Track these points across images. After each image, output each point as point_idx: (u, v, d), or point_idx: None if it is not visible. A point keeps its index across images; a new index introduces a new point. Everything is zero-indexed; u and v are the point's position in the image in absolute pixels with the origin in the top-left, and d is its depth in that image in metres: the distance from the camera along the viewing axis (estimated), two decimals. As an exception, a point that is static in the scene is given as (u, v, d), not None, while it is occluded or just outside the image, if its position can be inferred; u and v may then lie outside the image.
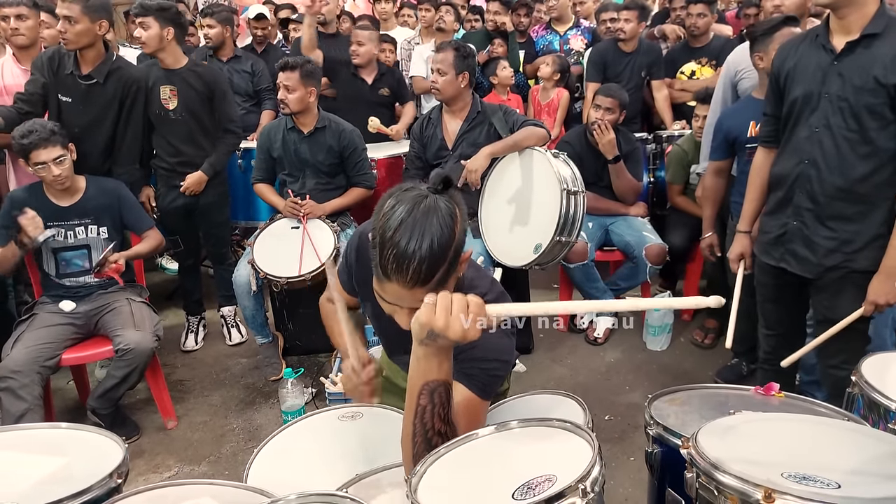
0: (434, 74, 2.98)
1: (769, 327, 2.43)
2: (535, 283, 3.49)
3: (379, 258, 1.21)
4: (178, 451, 2.74)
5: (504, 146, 2.90)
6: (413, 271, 1.18)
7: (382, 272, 1.21)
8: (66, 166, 2.61)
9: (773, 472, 1.06)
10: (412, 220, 1.19)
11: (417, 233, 1.18)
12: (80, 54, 2.94)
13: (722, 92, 3.14)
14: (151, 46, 3.14)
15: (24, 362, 2.46)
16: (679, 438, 1.42)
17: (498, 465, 1.14)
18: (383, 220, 1.21)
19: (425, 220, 1.19)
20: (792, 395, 1.62)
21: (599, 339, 3.42)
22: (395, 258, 1.18)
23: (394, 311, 1.29)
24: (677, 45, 4.36)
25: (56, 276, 2.73)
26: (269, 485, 1.42)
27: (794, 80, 2.12)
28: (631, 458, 2.54)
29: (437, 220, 1.20)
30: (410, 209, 1.20)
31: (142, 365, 2.62)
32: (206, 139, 3.32)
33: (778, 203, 2.23)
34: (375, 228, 1.23)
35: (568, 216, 2.69)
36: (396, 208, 1.21)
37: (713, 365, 3.19)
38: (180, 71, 3.21)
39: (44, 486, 1.36)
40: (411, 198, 1.22)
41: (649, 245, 3.31)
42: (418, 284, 1.20)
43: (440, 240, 1.19)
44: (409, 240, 1.18)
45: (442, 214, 1.21)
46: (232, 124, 3.36)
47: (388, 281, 1.21)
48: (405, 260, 1.18)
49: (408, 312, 1.23)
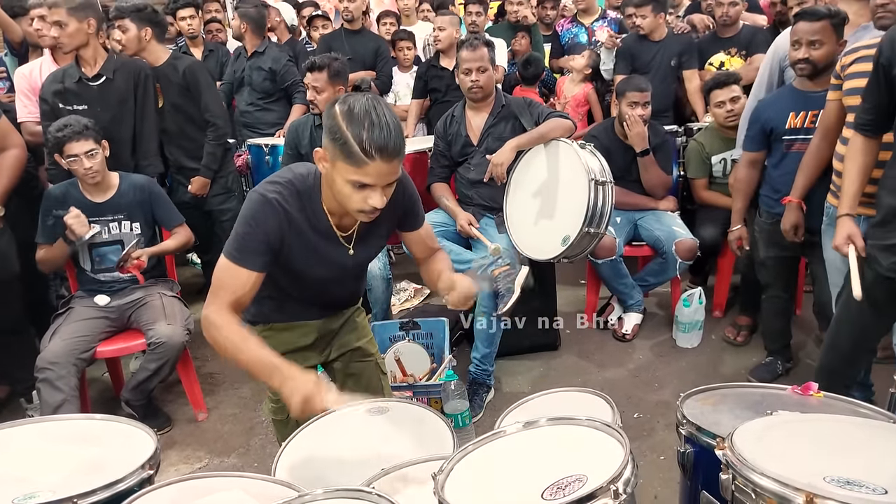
0: (474, 74, 2.92)
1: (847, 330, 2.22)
2: (561, 279, 3.45)
3: (359, 145, 1.38)
4: (208, 442, 2.77)
5: (530, 138, 2.87)
6: (395, 142, 1.40)
7: (365, 155, 1.39)
8: (97, 160, 2.66)
9: (814, 475, 1.03)
10: (366, 108, 1.40)
11: (380, 114, 1.40)
12: (81, 57, 2.98)
13: (768, 76, 3.04)
14: (131, 48, 3.20)
15: (61, 354, 2.51)
16: (713, 438, 1.39)
17: (526, 464, 1.13)
18: (346, 117, 1.40)
19: (379, 105, 1.42)
20: (831, 396, 1.57)
21: (628, 335, 3.38)
22: (378, 136, 1.38)
23: (367, 197, 1.45)
24: (706, 35, 4.26)
25: (91, 272, 2.78)
26: (297, 478, 1.43)
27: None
28: (661, 456, 2.50)
29: (383, 103, 1.44)
30: (362, 103, 1.41)
31: (173, 358, 2.66)
32: (198, 131, 3.35)
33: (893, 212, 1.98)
34: (336, 128, 1.41)
35: (596, 207, 2.65)
36: (349, 106, 1.41)
37: (746, 363, 3.12)
38: (161, 67, 3.27)
39: (78, 476, 1.39)
40: (350, 98, 1.43)
41: (680, 240, 3.25)
42: (397, 155, 1.42)
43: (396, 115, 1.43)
44: (380, 121, 1.39)
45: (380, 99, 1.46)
46: (211, 115, 3.34)
47: (371, 162, 1.39)
48: (388, 134, 1.38)
49: (381, 191, 1.45)
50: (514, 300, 2.69)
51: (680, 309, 3.29)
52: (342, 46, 4.20)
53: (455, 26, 4.14)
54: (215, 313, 1.53)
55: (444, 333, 2.95)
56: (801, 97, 2.66)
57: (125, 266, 2.71)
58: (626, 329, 3.39)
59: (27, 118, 3.20)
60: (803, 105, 2.65)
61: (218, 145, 3.41)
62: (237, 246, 1.55)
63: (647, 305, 3.62)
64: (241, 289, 1.54)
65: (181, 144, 3.38)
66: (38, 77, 3.19)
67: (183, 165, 3.41)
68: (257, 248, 1.54)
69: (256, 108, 4.22)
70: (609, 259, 3.24)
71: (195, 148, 3.37)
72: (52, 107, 2.98)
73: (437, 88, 4.21)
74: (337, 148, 1.42)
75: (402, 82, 4.58)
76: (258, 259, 1.54)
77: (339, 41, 4.33)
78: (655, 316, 3.65)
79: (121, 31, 3.15)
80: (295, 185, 1.59)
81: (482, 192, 3.02)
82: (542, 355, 3.28)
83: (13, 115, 2.82)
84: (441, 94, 4.18)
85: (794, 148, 2.68)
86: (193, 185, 3.35)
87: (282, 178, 1.60)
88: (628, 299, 3.41)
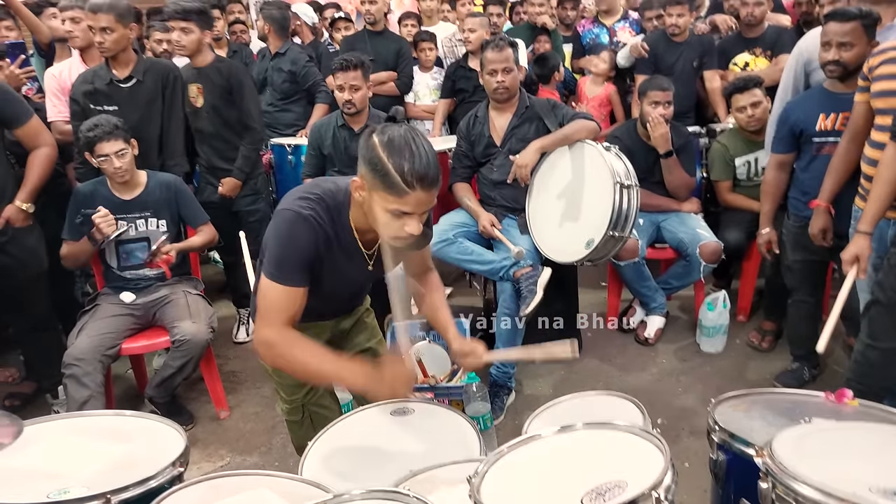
0: (500, 74, 2.90)
1: (878, 339, 2.19)
2: (583, 281, 3.43)
3: (400, 176, 1.41)
4: (230, 441, 2.78)
5: (554, 140, 2.85)
6: (433, 173, 1.44)
7: (406, 185, 1.42)
8: (126, 159, 2.69)
9: (858, 485, 1.01)
10: (405, 139, 1.44)
11: (419, 145, 1.43)
12: (114, 60, 3.00)
13: (793, 80, 2.98)
14: (191, 49, 3.22)
15: (87, 351, 2.53)
16: (747, 446, 1.37)
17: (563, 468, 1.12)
18: (386, 148, 1.43)
19: (417, 136, 1.46)
20: (866, 403, 1.54)
21: (650, 339, 3.35)
22: (419, 166, 1.41)
23: (404, 225, 1.48)
24: (729, 35, 4.21)
25: (118, 269, 2.80)
26: (324, 478, 1.43)
27: None
28: (686, 463, 2.47)
29: (419, 133, 1.48)
30: (400, 134, 1.45)
31: (197, 356, 2.68)
32: (234, 135, 3.37)
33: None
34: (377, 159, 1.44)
35: (621, 210, 2.63)
36: (388, 137, 1.45)
37: (771, 369, 3.07)
38: (205, 69, 3.29)
39: (110, 472, 1.40)
40: (387, 129, 1.47)
41: (704, 243, 3.21)
42: (436, 185, 1.46)
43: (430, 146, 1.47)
44: (419, 151, 1.42)
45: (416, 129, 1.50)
46: (250, 119, 3.37)
47: (412, 191, 1.42)
48: (428, 163, 1.43)
49: (417, 218, 1.48)
50: (536, 302, 2.67)
51: (704, 313, 3.26)
52: (365, 47, 4.20)
53: (485, 28, 4.14)
54: (276, 335, 1.55)
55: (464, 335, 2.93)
56: (831, 98, 2.62)
57: (154, 261, 2.74)
58: (649, 333, 3.36)
59: (57, 118, 3.23)
60: (833, 107, 2.60)
61: (254, 150, 3.44)
62: (278, 265, 1.56)
63: (671, 309, 3.58)
64: (291, 307, 1.57)
65: (215, 145, 3.39)
66: (68, 78, 3.22)
67: (214, 165, 3.42)
68: (299, 266, 1.56)
69: (276, 109, 4.25)
70: (632, 261, 3.21)
71: (228, 150, 3.38)
72: (82, 107, 3.01)
73: (465, 89, 4.21)
74: (377, 178, 1.45)
75: (422, 82, 4.58)
76: (301, 275, 1.57)
77: (362, 42, 4.34)
78: (679, 320, 3.61)
79: (183, 33, 3.16)
80: (326, 201, 1.60)
81: (505, 193, 3.01)
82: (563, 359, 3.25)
83: (43, 114, 2.86)
84: (468, 94, 4.18)
85: (825, 150, 2.63)
86: (224, 185, 3.36)
87: (312, 193, 1.61)
88: (651, 302, 3.38)
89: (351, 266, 1.70)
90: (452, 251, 2.90)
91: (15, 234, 2.66)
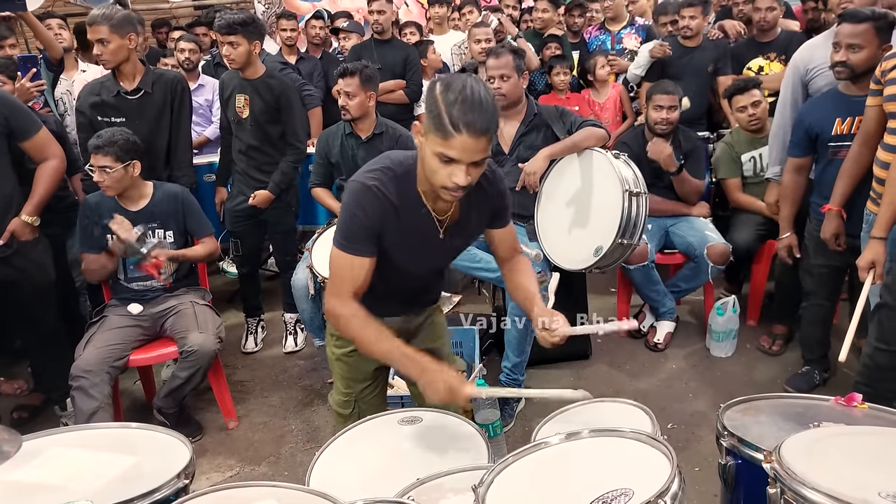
0: (496, 81, 2.90)
1: (888, 342, 2.20)
2: (592, 287, 3.41)
3: (448, 117, 1.40)
4: (239, 451, 2.78)
5: (563, 147, 2.85)
6: (483, 119, 1.41)
7: (453, 128, 1.40)
8: (111, 176, 2.65)
9: (867, 490, 0.99)
10: (464, 83, 1.43)
11: (476, 91, 1.42)
12: (120, 72, 3.00)
13: (791, 92, 2.99)
14: (239, 63, 3.20)
15: (95, 362, 2.54)
16: (757, 451, 1.36)
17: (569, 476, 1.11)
18: (443, 90, 1.43)
19: (477, 84, 1.44)
20: (876, 407, 1.52)
21: (660, 344, 3.32)
22: (468, 111, 1.39)
23: (451, 174, 1.46)
24: (743, 40, 4.20)
25: (125, 280, 2.81)
26: (331, 488, 1.42)
27: None
28: (696, 468, 2.45)
29: (482, 83, 1.46)
30: (461, 79, 1.44)
31: (205, 366, 2.68)
32: (274, 150, 3.36)
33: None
34: (433, 101, 1.44)
35: (630, 218, 2.61)
36: (449, 81, 1.45)
37: (781, 373, 3.05)
38: (255, 81, 3.27)
39: (115, 485, 1.39)
40: (452, 76, 1.47)
41: (712, 244, 3.19)
42: (488, 131, 1.43)
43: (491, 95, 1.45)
44: (473, 97, 1.40)
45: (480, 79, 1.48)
46: (294, 138, 3.37)
47: (457, 135, 1.41)
48: (478, 109, 1.40)
49: (465, 168, 1.45)
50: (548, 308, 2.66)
51: (713, 317, 3.24)
52: (371, 56, 4.21)
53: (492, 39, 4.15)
54: (340, 305, 1.61)
55: (474, 342, 2.93)
56: (846, 102, 2.59)
57: (143, 264, 2.73)
58: (659, 338, 3.33)
59: None
60: (849, 111, 2.58)
61: (294, 167, 3.42)
62: (345, 235, 1.60)
63: (680, 314, 3.56)
64: (358, 277, 1.61)
65: (253, 156, 3.36)
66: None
67: (250, 175, 3.39)
68: (365, 235, 1.59)
69: None
70: (641, 265, 3.19)
71: (266, 163, 3.36)
72: (89, 119, 3.02)
73: None
74: (431, 119, 1.45)
75: (429, 90, 4.59)
76: (367, 246, 1.60)
77: (368, 51, 4.35)
78: (688, 324, 3.58)
79: (231, 47, 3.14)
80: (393, 169, 1.61)
81: (513, 200, 2.99)
82: (573, 364, 3.24)
83: (50, 126, 2.86)
84: None
85: (841, 154, 2.60)
86: (257, 197, 3.33)
87: (379, 164, 1.64)
88: (660, 307, 3.36)
89: (422, 233, 1.67)
90: (461, 258, 2.89)
91: (20, 246, 2.66)
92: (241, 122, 3.32)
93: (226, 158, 3.57)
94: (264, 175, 3.37)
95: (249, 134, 3.33)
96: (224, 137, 3.56)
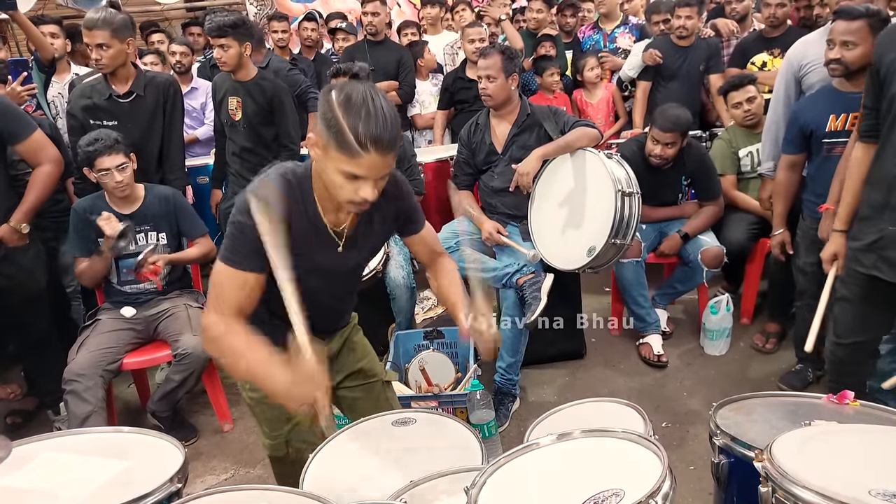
0: (483, 81, 2.91)
1: (841, 336, 2.27)
2: (586, 287, 3.41)
3: (354, 136, 1.32)
4: (234, 453, 2.78)
5: (556, 148, 2.85)
6: (390, 135, 1.34)
7: (360, 147, 1.32)
8: (127, 174, 2.69)
9: (858, 488, 0.99)
10: (364, 98, 1.33)
11: (378, 105, 1.33)
12: (113, 75, 2.99)
13: (784, 88, 2.99)
14: (231, 65, 3.19)
15: (88, 366, 2.53)
16: (749, 449, 1.36)
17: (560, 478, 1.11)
18: (342, 105, 1.33)
19: (377, 96, 1.35)
20: (868, 404, 1.53)
21: (663, 356, 3.21)
22: (374, 128, 1.31)
23: (358, 189, 1.39)
24: (750, 35, 4.19)
25: (118, 284, 2.80)
26: (325, 491, 1.42)
27: (894, 73, 1.97)
28: (691, 466, 2.46)
29: (381, 93, 1.37)
30: (359, 91, 1.34)
31: (199, 369, 2.67)
32: (268, 151, 3.35)
33: (874, 207, 2.08)
34: (332, 116, 1.34)
35: (623, 218, 2.62)
36: (346, 94, 1.34)
37: (775, 370, 3.06)
38: (247, 83, 3.26)
39: (107, 490, 1.39)
40: (347, 86, 1.36)
41: (705, 249, 3.19)
42: (392, 149, 1.36)
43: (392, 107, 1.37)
44: (377, 112, 1.32)
45: (377, 88, 1.39)
46: (288, 140, 3.35)
47: (365, 153, 1.33)
48: (384, 126, 1.32)
49: (373, 183, 1.39)
50: (541, 309, 2.66)
51: (707, 316, 3.24)
52: (364, 57, 4.22)
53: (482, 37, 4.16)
54: (218, 322, 1.44)
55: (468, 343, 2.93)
56: (841, 98, 2.59)
57: (141, 271, 2.72)
58: (658, 351, 3.22)
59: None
60: (844, 107, 2.58)
61: None
62: (232, 248, 1.46)
63: (674, 313, 3.57)
64: (242, 294, 1.46)
65: (247, 158, 3.35)
66: None
67: (244, 177, 3.37)
68: (254, 248, 1.42)
69: None
70: (634, 260, 3.16)
71: (260, 165, 3.29)
72: (81, 122, 3.01)
73: (465, 99, 4.22)
74: (331, 136, 1.35)
75: (424, 91, 4.60)
76: (255, 261, 1.44)
77: (361, 52, 4.35)
78: (682, 323, 3.59)
79: (222, 50, 3.13)
80: (286, 177, 1.51)
81: (506, 201, 3.00)
82: (568, 364, 3.25)
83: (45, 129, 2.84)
84: (468, 104, 4.18)
85: (836, 151, 2.61)
86: None
87: (275, 172, 1.53)
88: (647, 318, 3.27)
89: (319, 247, 1.57)
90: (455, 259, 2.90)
91: (9, 253, 2.63)
92: (235, 124, 3.31)
93: (220, 160, 3.56)
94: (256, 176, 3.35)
95: (243, 136, 3.32)
96: (218, 140, 3.55)
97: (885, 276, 2.07)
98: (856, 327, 2.23)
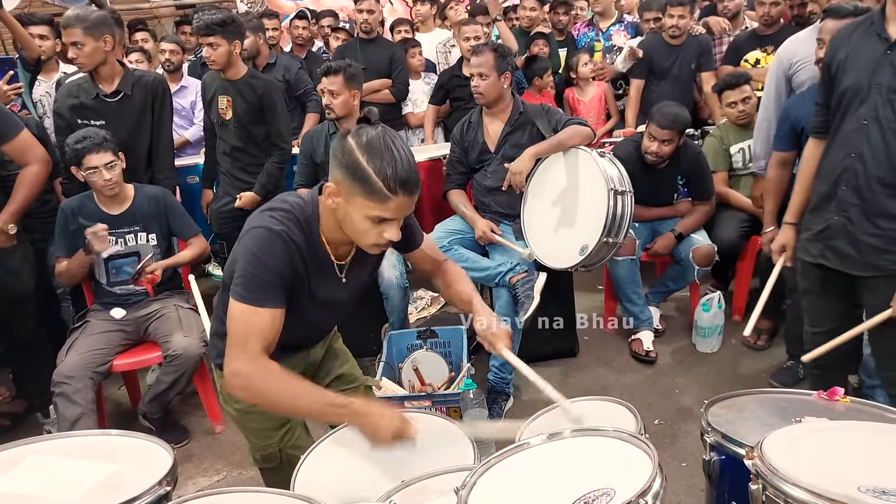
0: (475, 79, 2.90)
1: (815, 324, 2.31)
2: (579, 285, 3.41)
3: (383, 181, 1.35)
4: (226, 454, 2.76)
5: (548, 146, 2.85)
6: (415, 175, 1.38)
7: (389, 191, 1.36)
8: (116, 172, 2.67)
9: (848, 485, 1.00)
10: (384, 142, 1.37)
11: (398, 148, 1.37)
12: (98, 74, 2.95)
13: (775, 86, 3.00)
14: (220, 64, 3.16)
15: (78, 368, 2.51)
16: (739, 447, 1.37)
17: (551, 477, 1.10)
18: (365, 152, 1.36)
19: (395, 138, 1.39)
20: (858, 400, 1.54)
21: (652, 352, 3.22)
22: (402, 171, 1.35)
23: (383, 231, 1.43)
24: (744, 32, 4.21)
25: (107, 285, 2.78)
26: (316, 492, 1.41)
27: (845, 69, 2.02)
28: (683, 463, 2.46)
29: (397, 135, 1.42)
30: (379, 136, 1.37)
31: (190, 370, 2.66)
32: (259, 150, 3.34)
33: (821, 198, 2.14)
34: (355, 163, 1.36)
35: (615, 217, 2.62)
36: (366, 139, 1.37)
37: (766, 367, 3.07)
38: (237, 82, 3.23)
39: (96, 493, 1.38)
40: (363, 131, 1.39)
41: (696, 247, 3.20)
42: (418, 187, 1.40)
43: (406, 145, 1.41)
44: (400, 155, 1.36)
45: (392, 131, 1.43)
46: (279, 139, 3.34)
47: (394, 197, 1.36)
48: (409, 170, 1.37)
49: (397, 224, 1.44)
50: (534, 307, 2.66)
51: (699, 314, 3.25)
52: (355, 55, 4.19)
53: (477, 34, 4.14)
54: (248, 363, 1.40)
55: (461, 342, 2.92)
56: None
57: (140, 280, 2.71)
58: (648, 346, 3.23)
59: None
60: None
61: (279, 168, 3.38)
62: (253, 287, 1.43)
63: (666, 310, 3.57)
64: (269, 331, 1.43)
65: (238, 158, 3.33)
66: None
67: (235, 177, 3.36)
68: (275, 284, 1.44)
69: None
70: (629, 257, 3.17)
71: (251, 164, 3.34)
72: (68, 122, 2.98)
73: (461, 97, 4.20)
74: (356, 184, 1.36)
75: (417, 90, 4.58)
76: (277, 295, 1.44)
77: (353, 51, 4.33)
78: (674, 321, 3.60)
79: (211, 48, 3.09)
80: (295, 214, 1.50)
81: (499, 200, 3.00)
82: (561, 362, 3.25)
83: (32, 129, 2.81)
84: (464, 101, 4.16)
85: None
86: (243, 199, 3.30)
87: (281, 207, 1.51)
88: (640, 315, 3.28)
89: (326, 282, 1.60)
90: None
91: None
92: (225, 123, 3.29)
93: (210, 160, 3.54)
94: (250, 176, 3.34)
95: (233, 135, 3.30)
96: (208, 139, 3.53)
97: (830, 264, 2.12)
98: (825, 317, 2.27)
